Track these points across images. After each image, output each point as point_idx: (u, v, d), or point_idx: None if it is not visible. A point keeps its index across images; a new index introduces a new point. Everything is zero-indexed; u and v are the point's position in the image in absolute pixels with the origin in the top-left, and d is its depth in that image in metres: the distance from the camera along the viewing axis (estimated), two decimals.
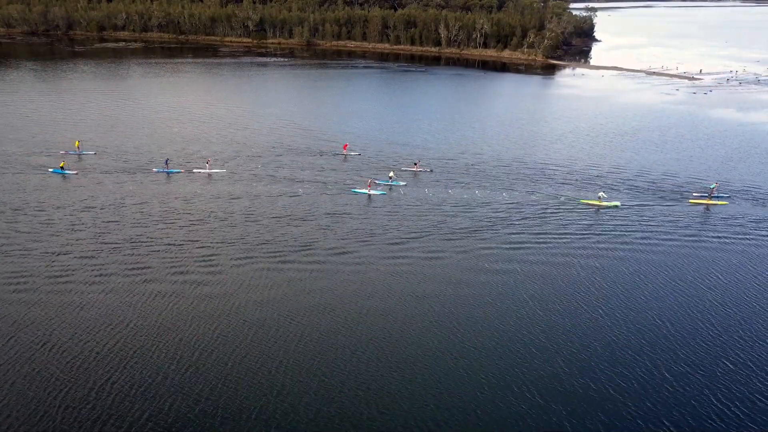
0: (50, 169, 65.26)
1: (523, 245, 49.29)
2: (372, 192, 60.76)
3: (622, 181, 67.10)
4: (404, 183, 63.99)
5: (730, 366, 34.01)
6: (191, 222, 52.48)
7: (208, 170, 66.28)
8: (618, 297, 41.45)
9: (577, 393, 31.45)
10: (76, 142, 73.09)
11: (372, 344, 35.20)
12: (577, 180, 67.09)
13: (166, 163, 66.64)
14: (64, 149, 73.03)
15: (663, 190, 64.16)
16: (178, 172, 66.04)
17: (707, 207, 59.70)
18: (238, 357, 33.68)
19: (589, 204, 58.91)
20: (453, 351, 34.77)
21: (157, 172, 65.79)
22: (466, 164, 72.02)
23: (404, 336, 36.14)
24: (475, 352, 34.77)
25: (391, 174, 64.17)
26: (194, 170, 66.70)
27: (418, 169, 67.90)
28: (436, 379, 32.29)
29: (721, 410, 30.46)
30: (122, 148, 74.78)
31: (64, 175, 63.83)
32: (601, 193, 59.05)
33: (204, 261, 45.02)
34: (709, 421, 29.73)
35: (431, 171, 68.24)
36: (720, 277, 44.94)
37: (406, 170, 68.10)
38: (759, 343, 36.33)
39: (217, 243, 48.16)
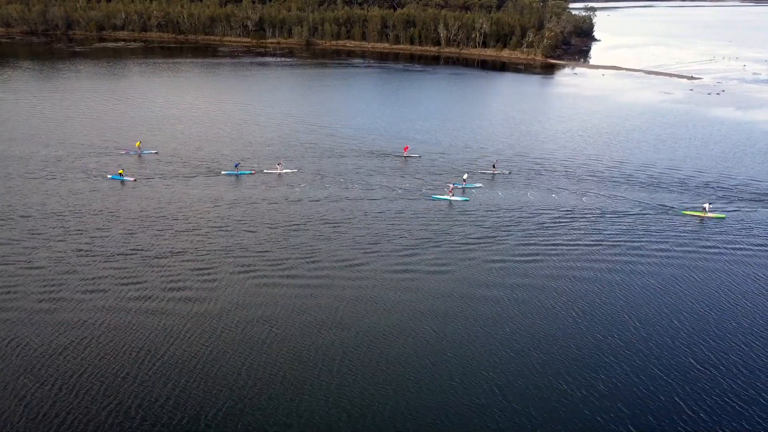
0: (109, 176, 62.60)
1: (605, 253, 47.64)
2: (453, 198, 59.05)
3: (719, 187, 64.80)
4: (480, 185, 63.28)
5: None
6: (289, 227, 51.24)
7: (279, 171, 65.16)
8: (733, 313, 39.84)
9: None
10: (137, 142, 71.10)
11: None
12: (677, 187, 64.68)
13: (236, 166, 64.94)
14: (124, 148, 71.06)
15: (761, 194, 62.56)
16: (249, 174, 64.48)
17: None
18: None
19: (694, 215, 56.39)
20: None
21: (227, 174, 64.02)
22: (536, 165, 71.00)
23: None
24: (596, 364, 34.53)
25: (465, 177, 63.45)
26: (265, 171, 65.53)
27: (496, 171, 67.29)
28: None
29: None
30: (181, 151, 72.63)
31: (123, 182, 61.00)
32: (706, 204, 56.59)
33: (311, 264, 44.08)
34: None
35: (509, 173, 67.48)
36: None
37: (484, 172, 67.33)
38: None
39: (330, 261, 46.66)
